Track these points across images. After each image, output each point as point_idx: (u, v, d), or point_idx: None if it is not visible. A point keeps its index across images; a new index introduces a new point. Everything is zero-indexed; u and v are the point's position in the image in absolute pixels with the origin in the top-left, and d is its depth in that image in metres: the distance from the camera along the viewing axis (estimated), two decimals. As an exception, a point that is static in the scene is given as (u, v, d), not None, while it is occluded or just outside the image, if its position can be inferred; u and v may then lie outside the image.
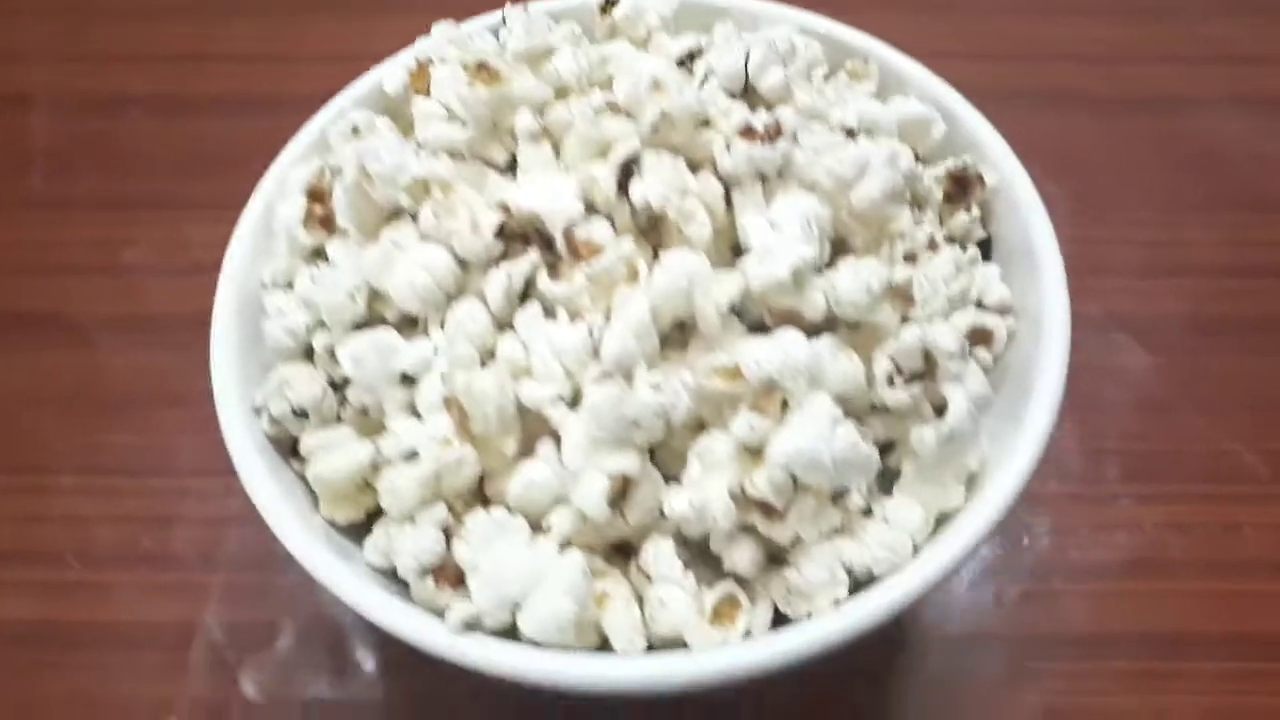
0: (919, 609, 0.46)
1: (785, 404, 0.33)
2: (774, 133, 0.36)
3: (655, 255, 0.36)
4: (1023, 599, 0.47)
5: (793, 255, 0.34)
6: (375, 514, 0.36)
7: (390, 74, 0.43)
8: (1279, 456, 0.50)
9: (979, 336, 0.38)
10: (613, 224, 0.36)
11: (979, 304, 0.39)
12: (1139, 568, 0.47)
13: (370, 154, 0.36)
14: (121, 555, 0.48)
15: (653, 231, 0.37)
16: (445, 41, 0.42)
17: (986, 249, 0.42)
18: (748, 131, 0.36)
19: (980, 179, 0.41)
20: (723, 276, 0.34)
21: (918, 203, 0.41)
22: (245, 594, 0.47)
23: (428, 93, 0.40)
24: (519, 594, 0.32)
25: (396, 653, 0.45)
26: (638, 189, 0.34)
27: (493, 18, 0.45)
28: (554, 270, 0.35)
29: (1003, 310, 0.39)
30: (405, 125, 0.42)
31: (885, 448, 0.36)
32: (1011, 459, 0.34)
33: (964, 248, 0.41)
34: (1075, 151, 0.62)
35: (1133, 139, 0.63)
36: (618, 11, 0.44)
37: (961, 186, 0.41)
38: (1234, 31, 0.68)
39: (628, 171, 0.35)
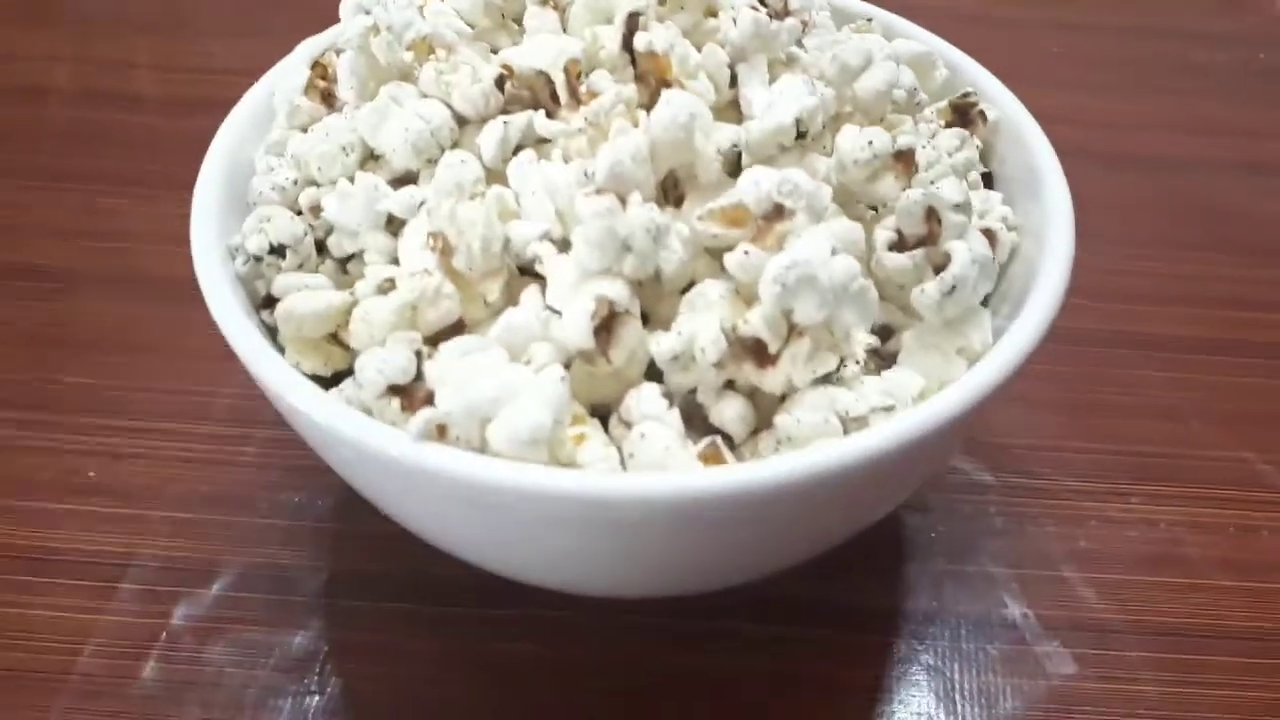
0: (920, 585, 0.43)
1: (782, 242, 0.31)
2: (782, 12, 0.36)
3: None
4: (1032, 580, 0.43)
5: (795, 105, 0.33)
6: (342, 376, 0.34)
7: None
8: (1290, 467, 0.48)
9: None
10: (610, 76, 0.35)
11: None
12: (1153, 562, 0.44)
13: (380, 10, 0.36)
14: (65, 486, 0.45)
15: (647, 83, 0.36)
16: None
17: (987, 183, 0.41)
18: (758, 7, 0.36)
19: (982, 115, 0.41)
20: (721, 125, 0.33)
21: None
22: (188, 531, 0.43)
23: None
24: (490, 405, 0.29)
25: (342, 597, 0.41)
26: (642, 38, 0.34)
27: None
28: (552, 116, 0.35)
29: (1007, 226, 0.38)
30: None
31: (884, 333, 0.35)
32: (1014, 334, 0.32)
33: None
34: (1078, 197, 0.62)
35: (1135, 190, 0.63)
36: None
37: (963, 119, 0.41)
38: (1229, 112, 0.70)
39: (632, 27, 0.35)
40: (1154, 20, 0.78)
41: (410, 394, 0.30)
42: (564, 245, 0.32)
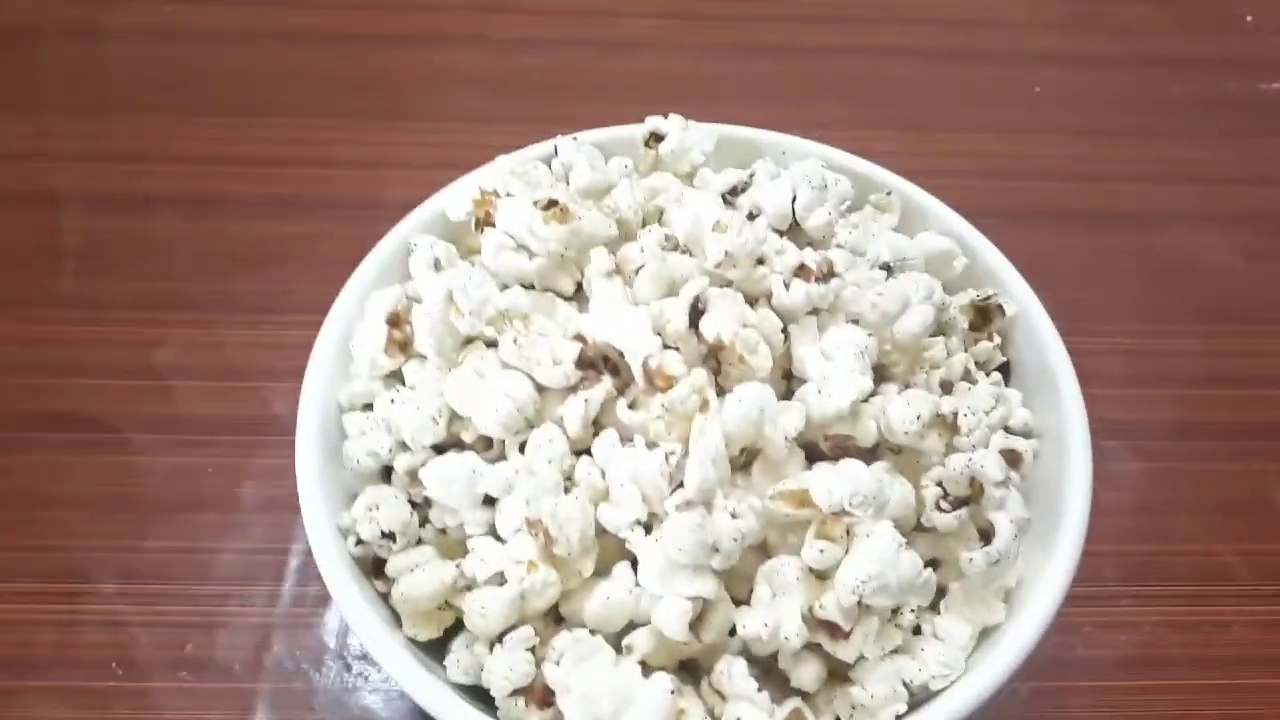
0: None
1: (848, 531, 0.35)
2: (827, 272, 0.39)
3: (717, 384, 0.39)
4: (1033, 695, 0.50)
5: (852, 389, 0.37)
6: (451, 631, 0.38)
7: (453, 201, 0.45)
8: (1256, 556, 0.54)
9: (1010, 459, 0.41)
10: (680, 354, 0.38)
11: (1005, 428, 0.43)
12: (1140, 664, 0.51)
13: (459, 287, 0.39)
14: (164, 662, 0.49)
15: (710, 359, 0.39)
16: (508, 174, 0.45)
17: (1005, 372, 0.46)
18: (802, 270, 0.39)
19: (1000, 309, 0.45)
20: (787, 407, 0.37)
21: (943, 330, 0.44)
22: (291, 701, 0.48)
23: (490, 221, 0.43)
24: (610, 715, 0.34)
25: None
26: (708, 324, 0.37)
27: (543, 148, 0.48)
28: (626, 394, 0.38)
29: (1026, 433, 0.42)
30: (463, 250, 0.45)
31: (930, 565, 0.39)
32: (1048, 578, 0.37)
33: (987, 373, 0.44)
34: (1056, 265, 0.66)
35: (1109, 253, 0.67)
36: (664, 146, 0.47)
37: (984, 316, 0.45)
38: (1201, 154, 0.73)
39: (696, 307, 0.38)
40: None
41: (531, 690, 0.35)
42: (649, 524, 0.36)
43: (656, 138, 0.48)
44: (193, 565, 0.52)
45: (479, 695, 0.37)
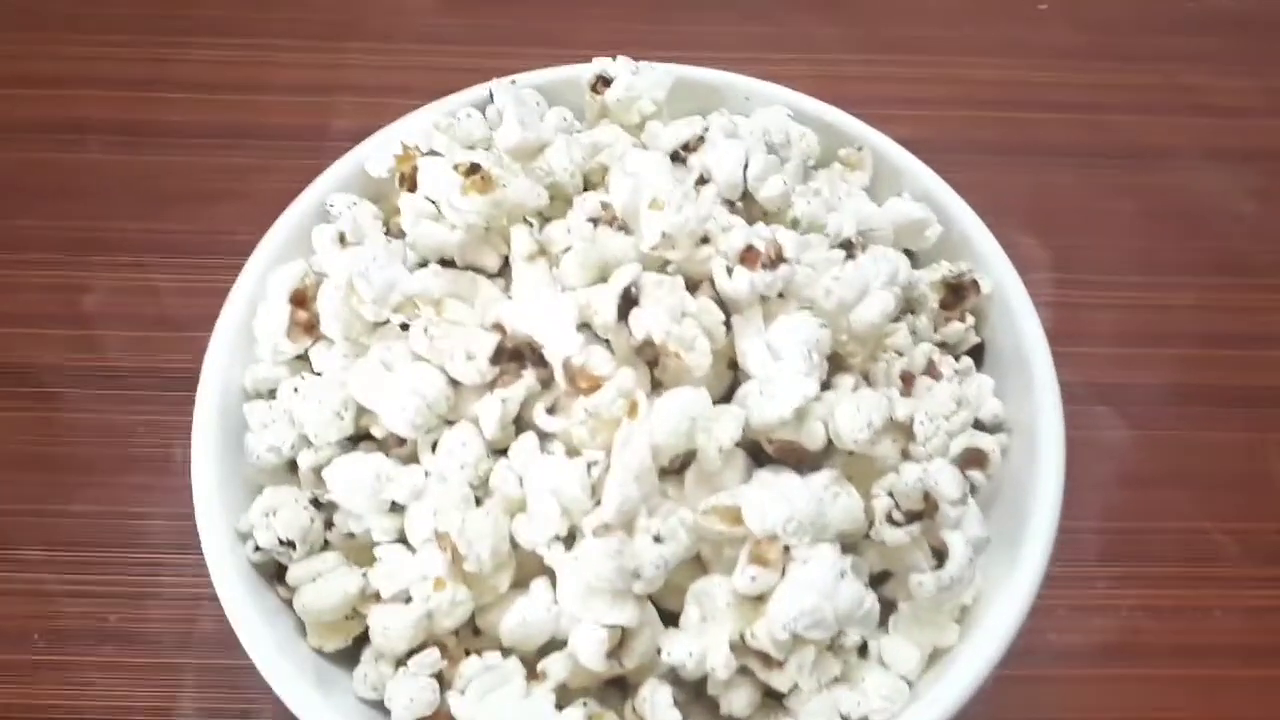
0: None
1: (786, 550, 0.32)
2: (775, 257, 0.35)
3: (653, 377, 0.35)
4: (999, 684, 0.47)
5: (795, 395, 0.33)
6: (361, 638, 0.35)
7: (374, 158, 0.41)
8: (1247, 535, 0.51)
9: (973, 458, 0.37)
10: (609, 347, 0.35)
11: (975, 422, 0.39)
12: (1115, 653, 0.48)
13: (360, 272, 0.35)
14: (90, 633, 0.47)
15: (648, 347, 0.35)
16: (433, 129, 0.40)
17: (978, 352, 0.42)
18: (749, 253, 0.35)
19: (975, 285, 0.41)
20: (724, 412, 0.33)
21: (912, 308, 0.40)
22: (220, 679, 0.46)
23: (414, 182, 0.39)
24: (518, 755, 0.31)
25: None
26: (639, 320, 0.33)
27: (478, 91, 0.44)
28: (548, 391, 0.34)
29: (995, 427, 0.39)
30: (390, 209, 0.41)
31: (880, 577, 0.36)
32: (1008, 596, 0.34)
33: (957, 356, 0.41)
34: (1054, 206, 0.62)
35: (1107, 194, 0.62)
36: (610, 94, 0.43)
37: (956, 293, 0.41)
38: (1212, 81, 0.67)
39: (628, 297, 0.34)
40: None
41: (436, 719, 0.32)
42: (570, 538, 0.33)
43: (604, 82, 0.43)
44: (122, 531, 0.49)
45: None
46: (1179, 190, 0.63)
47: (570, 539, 0.33)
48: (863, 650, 0.35)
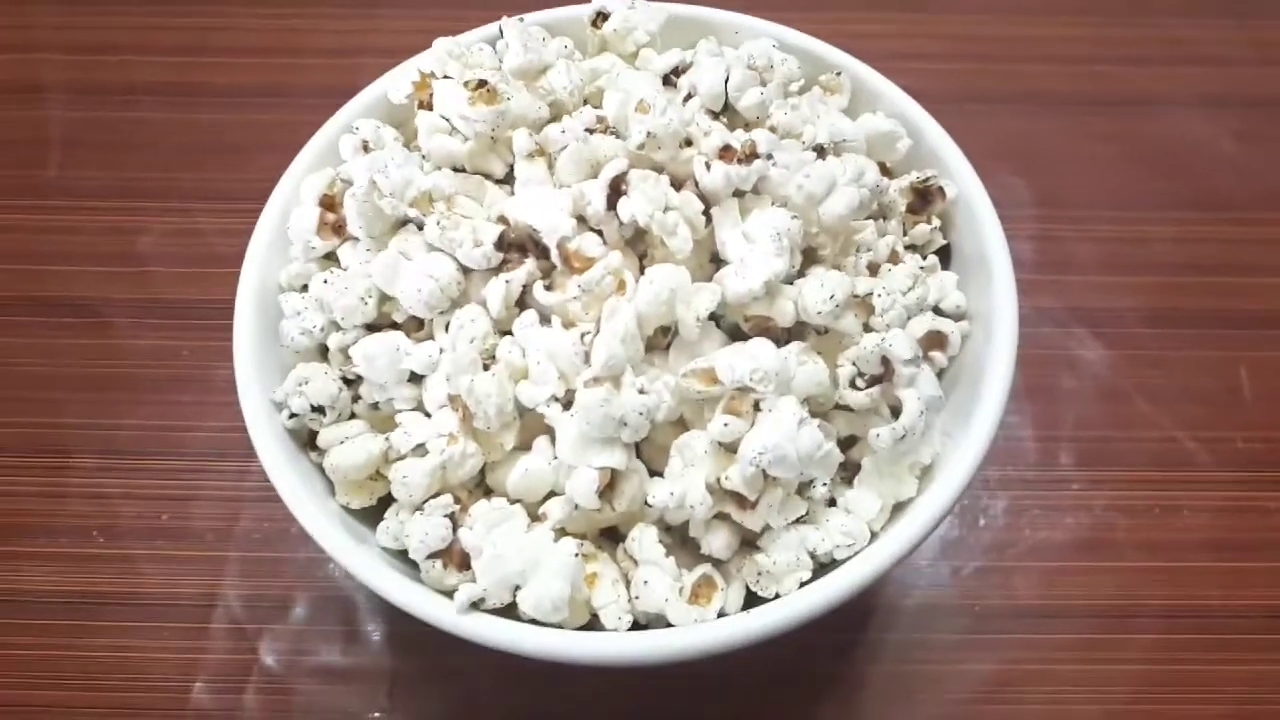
0: (880, 586, 0.50)
1: (757, 406, 0.36)
2: (750, 153, 0.39)
3: (641, 264, 0.39)
4: (978, 573, 0.51)
5: (765, 270, 0.37)
6: (385, 500, 0.40)
7: (395, 85, 0.46)
8: (1216, 444, 0.54)
9: (935, 340, 0.41)
10: (602, 236, 0.39)
11: (937, 309, 0.43)
12: (1086, 547, 0.51)
13: (379, 170, 0.39)
14: (142, 530, 0.52)
15: (638, 240, 0.40)
16: (446, 56, 0.45)
17: (946, 255, 0.45)
18: (726, 151, 0.39)
19: (941, 191, 0.44)
20: (701, 288, 0.37)
21: (883, 213, 0.44)
22: (260, 568, 0.51)
23: (430, 105, 0.43)
24: (519, 576, 0.35)
25: (404, 625, 0.48)
26: (626, 207, 0.37)
27: (490, 29, 0.48)
28: (548, 278, 0.39)
29: (958, 316, 0.43)
30: (409, 133, 0.46)
31: (849, 441, 0.40)
32: (960, 456, 0.38)
33: (924, 256, 0.44)
34: (1042, 150, 0.65)
35: (1098, 139, 0.66)
36: (608, 26, 0.47)
37: (924, 198, 0.45)
38: (1202, 33, 0.71)
39: (617, 189, 0.38)
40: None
41: (449, 553, 0.37)
42: (568, 400, 0.37)
43: (602, 16, 0.47)
44: (170, 441, 0.54)
45: (411, 562, 0.38)
46: (1164, 135, 0.66)
47: (568, 403, 0.37)
48: (831, 504, 0.39)
